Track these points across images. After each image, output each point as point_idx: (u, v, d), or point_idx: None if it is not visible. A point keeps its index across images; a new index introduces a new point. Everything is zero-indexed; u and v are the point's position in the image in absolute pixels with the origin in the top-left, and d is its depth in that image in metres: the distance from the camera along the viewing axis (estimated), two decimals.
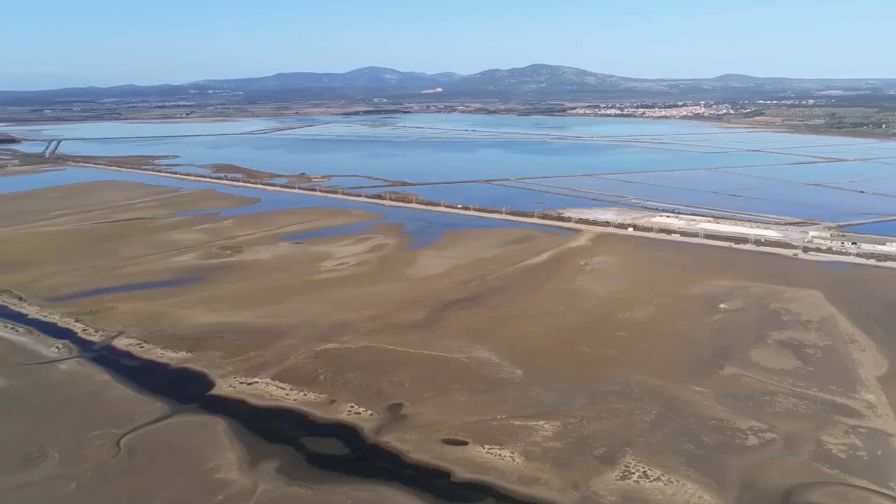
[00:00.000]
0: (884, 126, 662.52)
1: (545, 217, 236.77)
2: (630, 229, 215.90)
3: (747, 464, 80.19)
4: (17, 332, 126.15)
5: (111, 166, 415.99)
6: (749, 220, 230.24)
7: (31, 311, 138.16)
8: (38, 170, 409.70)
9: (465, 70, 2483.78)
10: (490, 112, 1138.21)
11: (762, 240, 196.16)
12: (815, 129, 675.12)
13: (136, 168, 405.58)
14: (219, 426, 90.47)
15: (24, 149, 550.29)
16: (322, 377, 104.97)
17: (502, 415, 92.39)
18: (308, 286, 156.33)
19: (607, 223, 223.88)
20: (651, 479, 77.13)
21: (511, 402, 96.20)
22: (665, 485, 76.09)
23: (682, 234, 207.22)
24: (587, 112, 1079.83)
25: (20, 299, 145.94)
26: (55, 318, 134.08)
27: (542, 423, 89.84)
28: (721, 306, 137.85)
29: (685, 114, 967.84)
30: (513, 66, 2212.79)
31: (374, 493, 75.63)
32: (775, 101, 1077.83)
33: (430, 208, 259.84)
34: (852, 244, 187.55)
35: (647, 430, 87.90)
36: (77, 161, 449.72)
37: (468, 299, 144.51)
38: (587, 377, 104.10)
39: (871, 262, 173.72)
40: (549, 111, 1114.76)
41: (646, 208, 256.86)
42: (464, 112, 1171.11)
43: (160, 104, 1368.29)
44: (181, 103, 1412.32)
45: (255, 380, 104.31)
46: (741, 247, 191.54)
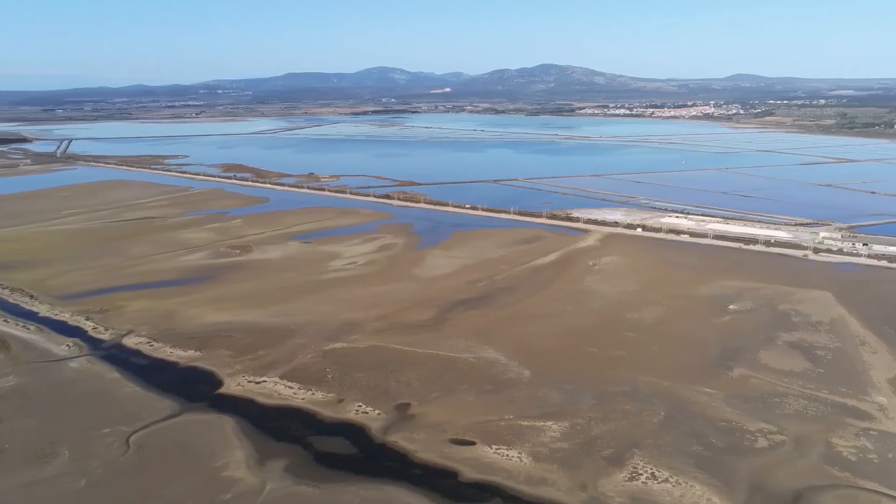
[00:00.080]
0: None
1: (553, 217, 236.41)
2: (639, 230, 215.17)
3: (756, 466, 79.76)
4: (29, 330, 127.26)
5: (121, 166, 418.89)
6: (759, 221, 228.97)
7: (42, 310, 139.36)
8: (50, 169, 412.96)
9: (474, 70, 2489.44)
10: (498, 112, 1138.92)
11: (772, 241, 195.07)
12: (826, 130, 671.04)
13: (146, 167, 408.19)
14: (227, 425, 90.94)
15: (35, 148, 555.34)
16: (330, 376, 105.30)
17: (510, 415, 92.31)
18: (316, 285, 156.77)
19: (616, 223, 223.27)
20: (659, 480, 76.87)
21: (519, 403, 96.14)
22: (673, 486, 75.81)
23: (692, 234, 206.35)
24: (596, 112, 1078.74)
25: (31, 297, 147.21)
26: (66, 316, 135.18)
27: (549, 423, 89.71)
28: (730, 307, 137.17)
29: (695, 114, 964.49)
30: (521, 65, 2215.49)
31: (382, 493, 75.76)
32: (786, 101, 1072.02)
33: (438, 208, 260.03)
34: (863, 245, 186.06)
35: (656, 432, 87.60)
36: (88, 160, 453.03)
37: (476, 299, 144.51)
38: (595, 378, 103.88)
39: (883, 263, 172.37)
40: (558, 111, 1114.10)
41: (655, 209, 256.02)
42: (472, 112, 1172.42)
43: (170, 104, 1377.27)
44: (191, 103, 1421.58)
45: (264, 379, 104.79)
46: (751, 248, 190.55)
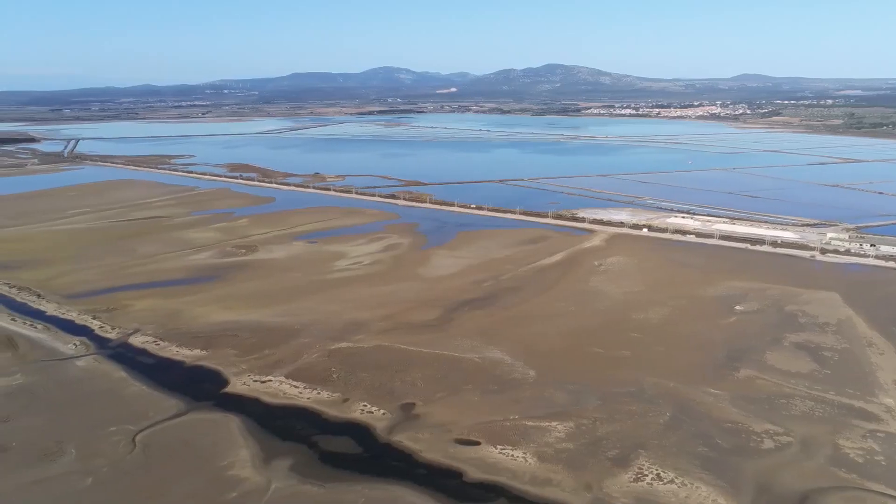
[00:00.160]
0: None
1: (559, 217, 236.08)
2: (645, 230, 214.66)
3: (762, 467, 79.44)
4: (36, 328, 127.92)
5: (128, 165, 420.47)
6: (765, 222, 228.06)
7: (50, 308, 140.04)
8: (57, 168, 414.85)
9: (480, 70, 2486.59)
10: (504, 112, 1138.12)
11: (779, 241, 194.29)
12: (834, 130, 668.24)
13: (152, 167, 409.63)
14: (233, 424, 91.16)
15: (43, 148, 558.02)
16: (335, 376, 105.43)
17: (515, 415, 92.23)
18: (322, 285, 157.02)
19: (622, 224, 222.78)
20: (664, 481, 76.64)
21: (524, 403, 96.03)
22: (679, 487, 75.56)
23: (698, 235, 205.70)
24: (602, 112, 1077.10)
25: (39, 296, 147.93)
26: (73, 315, 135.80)
27: (554, 423, 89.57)
28: (736, 308, 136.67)
29: (701, 114, 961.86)
30: (527, 65, 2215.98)
31: (387, 492, 75.81)
32: (793, 101, 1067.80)
33: (443, 208, 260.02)
34: (871, 246, 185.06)
35: (661, 432, 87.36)
36: (95, 160, 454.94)
37: (481, 299, 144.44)
38: (600, 378, 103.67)
39: (891, 264, 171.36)
40: (564, 111, 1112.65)
41: (661, 209, 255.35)
42: (478, 112, 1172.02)
43: (176, 104, 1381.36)
44: (197, 103, 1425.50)
45: (269, 378, 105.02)
46: (757, 248, 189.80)
